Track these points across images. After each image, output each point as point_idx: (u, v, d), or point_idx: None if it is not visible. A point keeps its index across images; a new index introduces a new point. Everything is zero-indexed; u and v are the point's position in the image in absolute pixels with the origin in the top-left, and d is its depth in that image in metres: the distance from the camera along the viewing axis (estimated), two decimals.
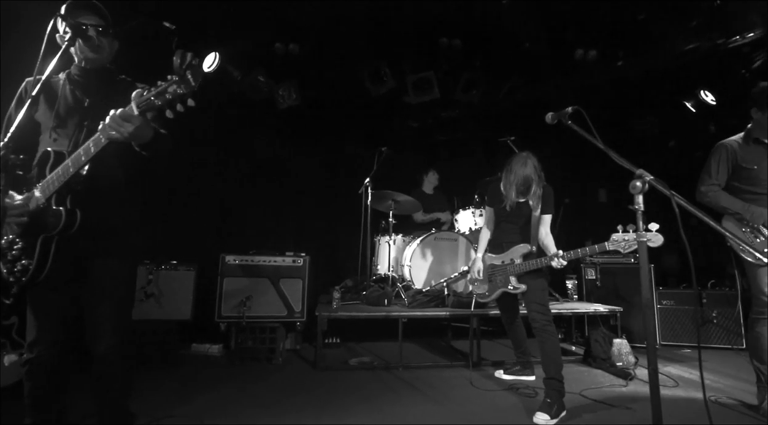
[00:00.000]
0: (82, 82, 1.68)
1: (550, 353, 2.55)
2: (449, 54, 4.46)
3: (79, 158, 1.45)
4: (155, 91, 1.31)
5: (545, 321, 2.59)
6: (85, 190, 1.50)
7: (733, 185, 2.56)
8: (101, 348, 1.59)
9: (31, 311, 1.60)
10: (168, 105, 1.31)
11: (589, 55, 4.14)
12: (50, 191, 1.47)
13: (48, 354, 1.58)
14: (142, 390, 2.70)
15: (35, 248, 1.46)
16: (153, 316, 3.56)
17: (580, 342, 4.09)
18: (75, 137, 1.59)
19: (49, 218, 1.45)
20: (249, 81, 4.56)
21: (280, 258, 3.80)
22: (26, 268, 1.46)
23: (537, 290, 2.69)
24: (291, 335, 3.89)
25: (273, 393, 2.84)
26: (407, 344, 3.55)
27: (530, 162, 2.73)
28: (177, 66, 1.26)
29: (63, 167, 1.46)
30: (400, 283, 4.20)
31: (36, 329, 1.58)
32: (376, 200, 4.28)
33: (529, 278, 2.71)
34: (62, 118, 1.62)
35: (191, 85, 1.28)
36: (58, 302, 1.59)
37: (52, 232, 1.46)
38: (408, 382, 3.08)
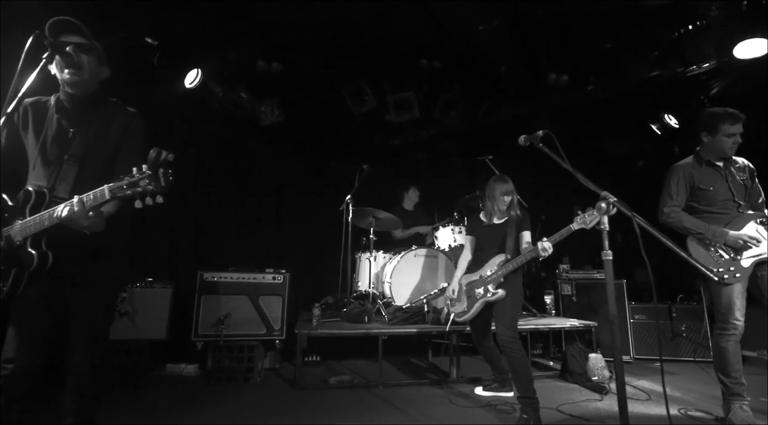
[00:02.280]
0: (69, 110, 1.68)
1: (519, 370, 2.60)
2: (429, 75, 4.61)
3: (43, 220, 1.49)
4: (128, 180, 1.37)
5: (510, 338, 2.62)
6: (60, 230, 1.51)
7: (692, 205, 2.71)
8: (74, 363, 1.65)
9: (12, 327, 1.60)
10: (138, 197, 1.37)
11: (561, 79, 4.34)
12: (26, 234, 1.51)
13: (22, 371, 1.58)
14: (113, 412, 2.61)
15: (9, 276, 1.51)
16: (126, 335, 3.45)
17: (558, 357, 4.16)
18: (56, 173, 1.61)
19: (23, 258, 1.50)
20: (231, 97, 4.58)
21: (259, 275, 3.77)
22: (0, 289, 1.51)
23: (508, 306, 2.73)
24: (270, 353, 3.83)
25: (250, 414, 2.78)
26: (387, 361, 3.54)
27: (510, 189, 2.89)
28: (152, 160, 1.31)
29: (39, 218, 1.50)
30: (380, 300, 4.21)
31: (14, 346, 1.58)
32: (357, 216, 4.32)
33: (506, 288, 2.75)
34: (45, 150, 1.63)
35: (161, 186, 1.36)
36: (36, 324, 1.60)
37: (24, 271, 1.51)
38: (388, 400, 3.07)
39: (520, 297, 2.86)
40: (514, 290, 2.76)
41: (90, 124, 1.68)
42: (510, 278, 2.77)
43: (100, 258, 1.67)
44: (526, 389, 2.55)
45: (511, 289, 2.75)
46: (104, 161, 1.67)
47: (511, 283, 2.77)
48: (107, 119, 1.72)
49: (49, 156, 1.63)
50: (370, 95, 4.59)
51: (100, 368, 1.71)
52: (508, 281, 2.77)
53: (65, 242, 1.54)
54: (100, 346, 1.72)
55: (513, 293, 2.76)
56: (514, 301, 2.77)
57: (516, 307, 2.78)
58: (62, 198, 1.52)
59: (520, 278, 2.85)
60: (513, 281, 2.78)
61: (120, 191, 1.37)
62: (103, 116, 1.71)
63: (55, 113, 1.68)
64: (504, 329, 2.65)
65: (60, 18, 1.60)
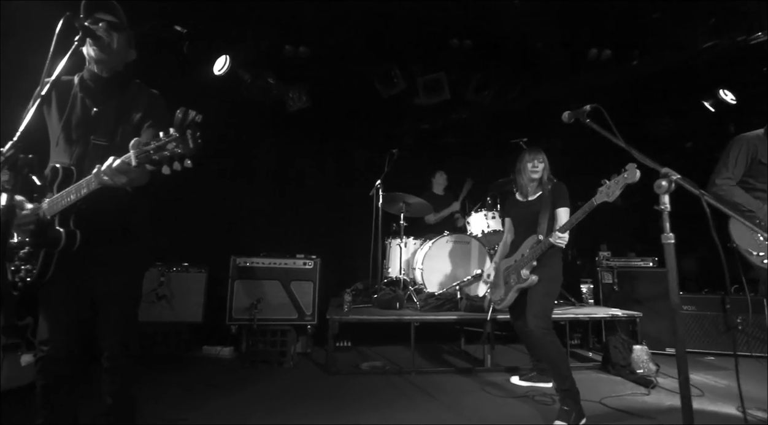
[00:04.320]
0: (93, 89, 1.68)
1: (556, 363, 2.42)
2: (460, 55, 4.42)
3: (80, 188, 1.47)
4: (155, 144, 1.32)
5: (542, 329, 2.42)
6: (90, 206, 1.51)
7: (747, 181, 2.47)
8: (106, 343, 1.65)
9: (42, 311, 1.62)
10: (166, 162, 1.32)
11: (603, 55, 4.06)
12: (55, 211, 1.50)
13: (58, 352, 1.60)
14: (154, 392, 2.69)
15: (39, 257, 1.51)
16: (164, 318, 3.56)
17: (597, 348, 3.98)
18: (79, 151, 1.61)
19: (51, 236, 1.50)
20: (259, 84, 4.56)
21: (290, 260, 3.78)
22: (30, 272, 1.51)
23: (539, 293, 2.51)
24: (302, 338, 3.86)
25: (284, 397, 2.81)
26: (419, 348, 3.49)
27: (539, 156, 2.70)
28: (178, 121, 1.25)
29: (67, 192, 1.49)
30: (411, 286, 4.15)
31: (47, 328, 1.61)
32: (387, 202, 4.24)
33: (540, 273, 2.52)
34: (70, 128, 1.63)
35: (189, 148, 1.30)
36: (67, 303, 1.62)
37: (53, 249, 1.50)
38: (420, 387, 3.02)
39: (556, 285, 2.59)
40: (548, 276, 2.52)
41: (113, 103, 1.68)
42: (544, 261, 2.52)
43: (125, 240, 1.67)
44: (563, 381, 2.39)
45: (544, 274, 2.51)
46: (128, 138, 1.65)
47: (546, 268, 2.52)
48: (130, 98, 1.72)
49: (72, 134, 1.63)
50: (399, 77, 4.46)
51: (132, 349, 1.72)
52: (542, 266, 2.52)
53: (91, 223, 1.54)
54: (130, 327, 1.72)
55: (547, 280, 2.52)
56: (548, 289, 2.52)
57: (549, 296, 2.54)
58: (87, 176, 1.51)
59: (556, 262, 2.57)
60: (547, 266, 2.53)
61: (147, 156, 1.33)
62: (126, 96, 1.71)
63: (79, 91, 1.68)
64: (534, 319, 2.44)
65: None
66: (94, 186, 1.44)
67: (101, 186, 1.44)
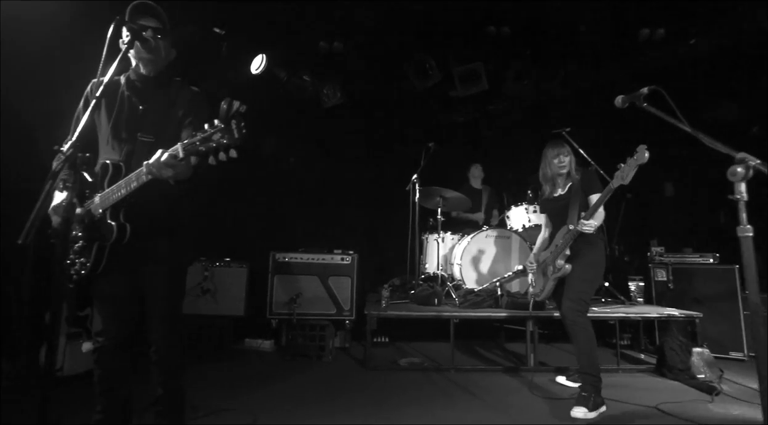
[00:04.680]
0: (140, 88, 1.75)
1: (583, 346, 2.44)
2: (498, 43, 4.26)
3: (129, 182, 1.53)
4: (201, 136, 1.35)
5: (575, 311, 2.45)
6: (138, 201, 1.57)
7: None
8: (153, 336, 1.70)
9: (96, 303, 1.71)
10: (212, 152, 1.34)
11: (656, 35, 3.77)
12: (106, 205, 1.57)
13: (112, 343, 1.68)
14: (200, 382, 2.78)
15: (92, 250, 1.58)
16: (209, 311, 3.68)
17: (650, 349, 3.73)
18: (128, 147, 1.67)
19: (104, 230, 1.56)
20: (294, 81, 4.61)
21: (328, 256, 3.80)
22: (84, 265, 1.58)
23: (574, 278, 2.54)
24: (340, 333, 3.87)
25: (324, 391, 2.83)
26: (458, 345, 3.42)
27: (563, 149, 2.68)
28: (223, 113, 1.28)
29: (117, 186, 1.55)
30: (449, 282, 4.06)
31: (101, 320, 1.69)
32: (423, 196, 4.17)
33: (574, 261, 2.54)
34: (118, 125, 1.70)
35: (234, 138, 1.32)
36: (118, 296, 1.69)
37: (105, 242, 1.57)
38: (461, 386, 2.95)
39: (592, 271, 2.58)
40: (582, 263, 2.54)
41: (158, 100, 1.74)
42: (578, 250, 2.55)
43: (170, 234, 1.72)
44: (588, 365, 2.40)
45: (579, 261, 2.54)
46: (173, 134, 1.70)
47: (580, 255, 2.55)
48: (173, 96, 1.78)
49: (121, 132, 1.69)
50: (434, 69, 4.36)
51: (178, 340, 1.77)
52: (577, 254, 2.55)
53: (139, 216, 1.60)
54: (175, 321, 1.77)
55: (582, 266, 2.54)
56: (583, 274, 2.54)
57: (584, 281, 2.54)
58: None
59: (593, 250, 2.59)
60: (582, 254, 2.56)
61: (193, 147, 1.37)
62: (169, 94, 1.77)
63: (126, 91, 1.74)
64: (566, 301, 2.49)
65: (140, 2, 1.66)
66: (143, 180, 1.50)
67: (149, 179, 1.49)
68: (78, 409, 1.69)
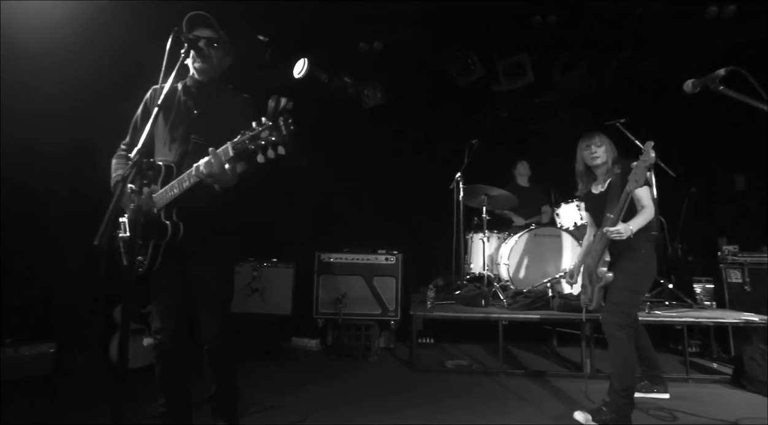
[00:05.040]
0: (195, 94, 1.83)
1: (616, 361, 2.23)
2: (544, 33, 4.07)
3: (182, 182, 1.59)
4: (250, 134, 1.38)
5: (613, 325, 2.24)
6: (190, 201, 1.63)
7: None
8: (206, 336, 1.76)
9: (153, 301, 1.79)
10: (261, 150, 1.37)
11: (725, 12, 3.43)
12: (160, 205, 1.64)
13: (170, 340, 1.76)
14: (250, 378, 2.86)
15: (148, 248, 1.65)
16: (258, 310, 3.79)
17: (724, 358, 3.41)
18: (181, 149, 1.75)
19: (159, 229, 1.63)
20: (335, 83, 4.66)
21: (373, 256, 3.80)
22: (141, 263, 1.66)
23: (614, 287, 2.30)
24: (384, 333, 3.86)
25: (371, 391, 2.82)
26: (506, 348, 3.30)
27: (595, 139, 2.46)
28: (271, 109, 1.32)
29: (170, 186, 1.62)
30: (496, 283, 3.93)
31: (159, 317, 1.77)
32: (468, 195, 4.07)
33: (616, 268, 2.31)
34: (173, 128, 1.78)
35: (283, 135, 1.34)
36: (171, 293, 1.76)
37: (161, 241, 1.64)
38: (512, 390, 2.84)
39: (633, 280, 2.30)
40: (624, 269, 2.30)
41: (211, 106, 1.82)
42: (619, 255, 2.32)
43: (218, 233, 1.77)
44: (620, 385, 2.18)
45: (620, 268, 2.30)
46: (223, 138, 1.75)
47: (623, 261, 2.32)
48: (225, 102, 1.85)
49: (176, 135, 1.77)
50: (477, 64, 4.24)
51: (230, 338, 1.81)
52: (619, 259, 2.32)
53: (190, 216, 1.66)
54: (225, 318, 1.81)
55: (623, 273, 2.29)
56: (624, 283, 2.29)
57: (623, 291, 2.29)
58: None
59: (637, 255, 2.31)
60: (625, 259, 2.31)
61: (242, 145, 1.41)
62: (221, 100, 1.85)
63: (182, 96, 1.83)
64: (605, 314, 2.29)
65: (195, 13, 1.76)
66: (194, 180, 1.56)
67: (199, 180, 1.55)
68: (142, 401, 1.78)
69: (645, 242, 2.33)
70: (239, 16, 3.68)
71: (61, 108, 3.14)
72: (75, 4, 2.94)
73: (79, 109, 3.23)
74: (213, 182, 1.55)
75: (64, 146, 3.23)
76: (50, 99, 3.07)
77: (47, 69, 3.00)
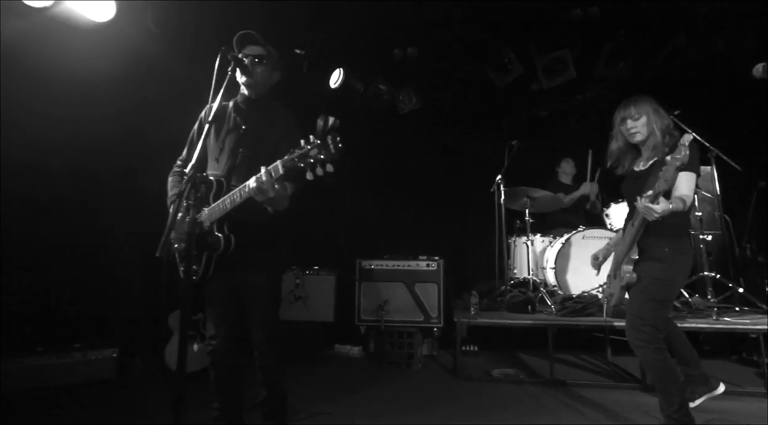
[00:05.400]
0: (243, 110, 1.91)
1: (661, 382, 1.96)
2: (586, 25, 3.89)
3: (234, 198, 1.65)
4: (299, 153, 1.41)
5: (637, 341, 1.93)
6: (239, 215, 1.70)
7: None
8: (256, 342, 1.82)
9: (207, 308, 1.89)
10: (310, 168, 1.39)
11: None
12: (213, 219, 1.72)
13: (224, 345, 1.83)
14: (295, 385, 2.90)
15: (202, 259, 1.74)
16: (301, 317, 3.85)
17: None
18: (230, 162, 1.82)
19: (212, 241, 1.71)
20: (371, 90, 4.70)
21: (414, 262, 3.76)
22: (196, 272, 1.75)
23: (635, 294, 1.98)
24: (427, 340, 3.80)
25: (416, 400, 2.77)
26: (555, 357, 3.14)
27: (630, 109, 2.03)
28: (320, 128, 1.33)
29: (222, 201, 1.68)
30: (543, 288, 3.77)
31: (212, 324, 1.86)
32: (509, 197, 3.95)
33: (640, 269, 1.96)
34: (223, 143, 1.86)
35: (331, 153, 1.36)
36: (223, 301, 1.84)
37: (214, 253, 1.71)
38: (564, 402, 2.69)
39: (657, 286, 1.93)
40: (648, 272, 1.94)
41: (258, 121, 1.88)
42: (650, 252, 1.95)
43: (267, 244, 1.82)
44: (668, 405, 1.92)
45: (644, 270, 1.95)
46: (270, 153, 1.80)
47: (649, 261, 1.95)
48: (271, 117, 1.91)
49: (225, 149, 1.85)
50: (514, 62, 4.12)
51: (279, 345, 1.86)
52: (646, 259, 1.95)
53: (241, 228, 1.72)
54: (274, 325, 1.87)
55: (647, 277, 1.94)
56: (647, 291, 1.94)
57: (646, 301, 1.93)
58: (235, 186, 1.68)
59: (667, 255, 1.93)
60: (652, 259, 1.94)
61: (292, 163, 1.43)
62: (268, 116, 1.91)
63: (232, 112, 1.92)
64: (630, 327, 1.96)
65: (243, 32, 1.85)
66: (245, 197, 1.61)
67: (250, 197, 1.60)
68: (194, 404, 1.85)
69: (673, 237, 1.96)
70: (276, 33, 3.82)
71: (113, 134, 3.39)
72: (124, 34, 3.16)
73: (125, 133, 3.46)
74: (265, 202, 1.60)
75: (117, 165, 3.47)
76: (103, 124, 3.32)
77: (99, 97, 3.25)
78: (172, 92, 3.33)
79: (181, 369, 1.20)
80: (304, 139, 1.41)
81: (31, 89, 2.96)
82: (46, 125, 3.03)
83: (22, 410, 2.53)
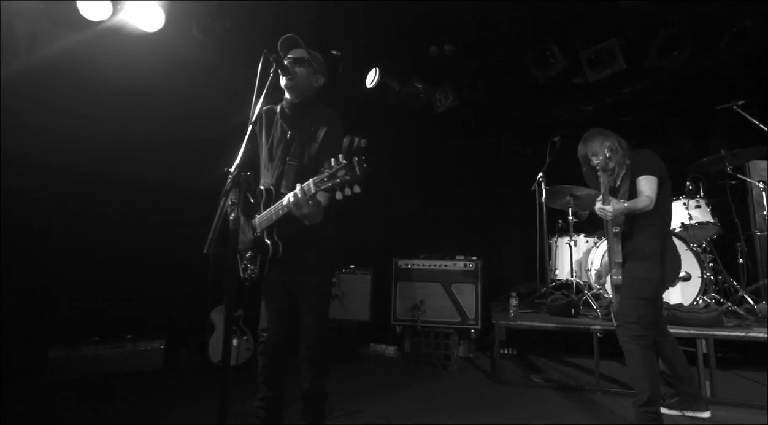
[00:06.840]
0: (289, 115, 1.93)
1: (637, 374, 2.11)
2: (634, 14, 3.67)
3: (277, 211, 1.69)
4: (328, 172, 1.41)
5: (624, 337, 2.15)
6: (287, 222, 1.73)
7: None
8: (305, 337, 1.86)
9: (263, 303, 1.95)
10: (338, 188, 1.40)
11: None
12: (263, 227, 1.77)
13: (274, 338, 1.89)
14: (331, 383, 2.91)
15: (257, 261, 1.82)
16: (337, 316, 3.89)
17: None
18: (278, 171, 1.85)
19: (263, 246, 1.78)
20: (407, 89, 4.66)
21: (451, 262, 3.69)
22: (253, 271, 1.83)
23: (623, 293, 2.22)
24: (463, 342, 3.73)
25: (453, 403, 2.72)
26: (601, 363, 2.97)
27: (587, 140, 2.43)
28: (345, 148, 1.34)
29: (269, 212, 1.73)
30: (587, 291, 3.60)
31: (266, 318, 1.92)
32: (551, 196, 3.79)
33: (624, 271, 2.22)
34: (271, 150, 1.91)
35: (356, 175, 1.35)
36: (277, 299, 1.91)
37: (265, 257, 1.78)
38: (614, 412, 2.55)
39: (639, 285, 2.16)
40: (630, 274, 2.20)
41: (303, 126, 1.89)
42: (628, 254, 2.22)
43: (315, 247, 1.85)
44: (638, 399, 2.07)
45: (627, 272, 2.21)
46: (315, 158, 1.83)
47: (629, 261, 2.22)
48: (316, 121, 1.90)
49: (274, 156, 1.89)
50: (557, 55, 3.95)
51: (326, 342, 1.90)
52: (629, 260, 2.22)
53: (290, 232, 1.76)
54: (323, 323, 1.91)
55: (628, 279, 2.20)
56: (630, 290, 2.18)
57: (629, 299, 2.17)
58: (284, 194, 1.71)
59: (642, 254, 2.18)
60: (630, 260, 2.22)
61: (322, 183, 1.44)
62: (313, 119, 1.90)
63: (279, 117, 1.94)
64: (619, 328, 2.20)
65: (286, 36, 1.88)
66: (285, 211, 1.65)
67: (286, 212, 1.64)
68: (234, 396, 1.91)
69: (651, 239, 2.19)
70: (313, 35, 3.86)
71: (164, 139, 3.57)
72: (172, 42, 3.31)
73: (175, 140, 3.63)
74: (300, 217, 1.62)
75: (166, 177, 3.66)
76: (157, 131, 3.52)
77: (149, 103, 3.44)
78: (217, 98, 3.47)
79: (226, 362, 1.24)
80: (334, 158, 1.41)
81: (86, 97, 3.18)
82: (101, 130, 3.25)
83: (83, 395, 2.71)
